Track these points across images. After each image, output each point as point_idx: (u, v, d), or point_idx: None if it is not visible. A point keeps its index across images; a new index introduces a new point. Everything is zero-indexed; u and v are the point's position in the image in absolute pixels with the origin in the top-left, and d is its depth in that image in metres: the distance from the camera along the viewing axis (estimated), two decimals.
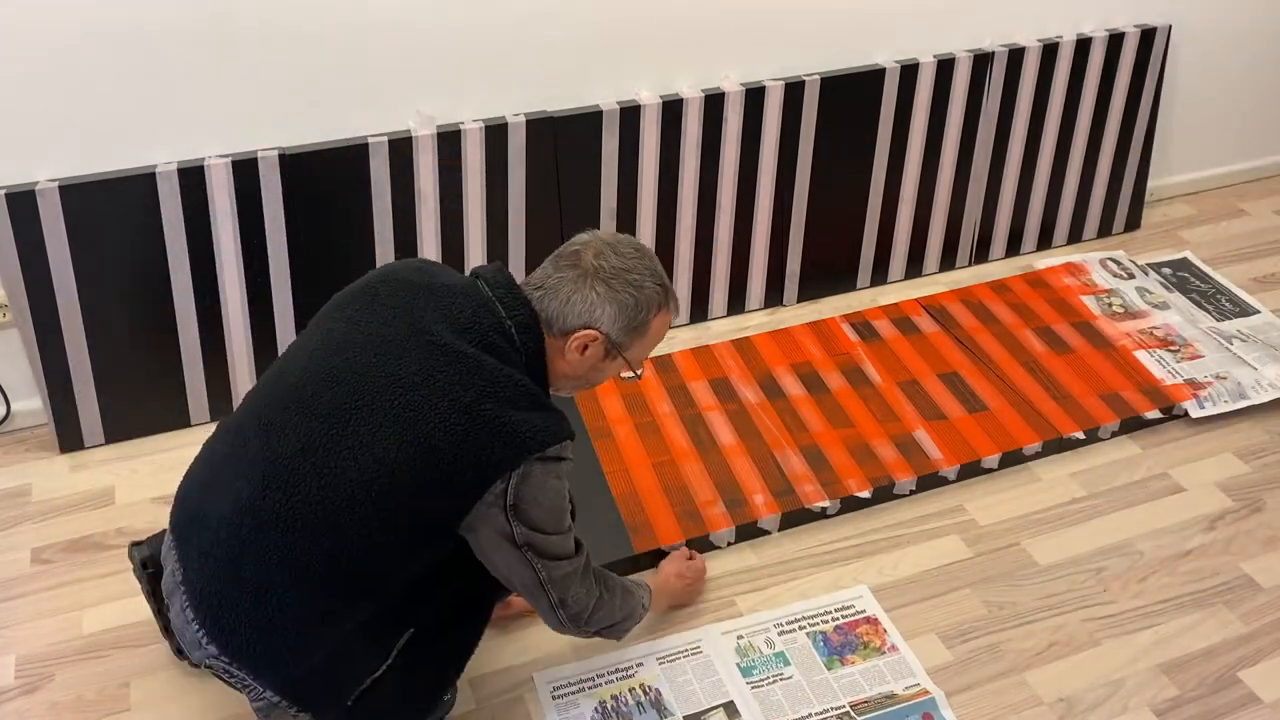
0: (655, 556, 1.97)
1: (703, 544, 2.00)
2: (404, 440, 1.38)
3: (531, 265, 2.40)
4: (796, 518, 2.06)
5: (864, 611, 1.88)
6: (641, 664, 1.79)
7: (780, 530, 2.06)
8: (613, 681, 1.76)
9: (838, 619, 1.87)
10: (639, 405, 2.28)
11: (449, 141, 2.23)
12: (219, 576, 1.42)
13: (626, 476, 2.10)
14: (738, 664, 1.79)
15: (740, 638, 1.83)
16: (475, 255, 2.35)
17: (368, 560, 1.42)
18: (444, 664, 1.59)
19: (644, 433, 2.21)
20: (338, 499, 1.38)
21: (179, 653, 1.75)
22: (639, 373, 1.60)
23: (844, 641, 1.83)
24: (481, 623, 1.63)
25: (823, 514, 2.09)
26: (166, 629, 1.73)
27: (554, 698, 1.73)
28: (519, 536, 1.44)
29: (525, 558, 1.47)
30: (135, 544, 1.72)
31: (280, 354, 1.57)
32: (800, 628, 1.85)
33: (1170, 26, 2.78)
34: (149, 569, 1.69)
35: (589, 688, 1.75)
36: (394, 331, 1.44)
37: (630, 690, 1.74)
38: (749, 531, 2.03)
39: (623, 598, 1.66)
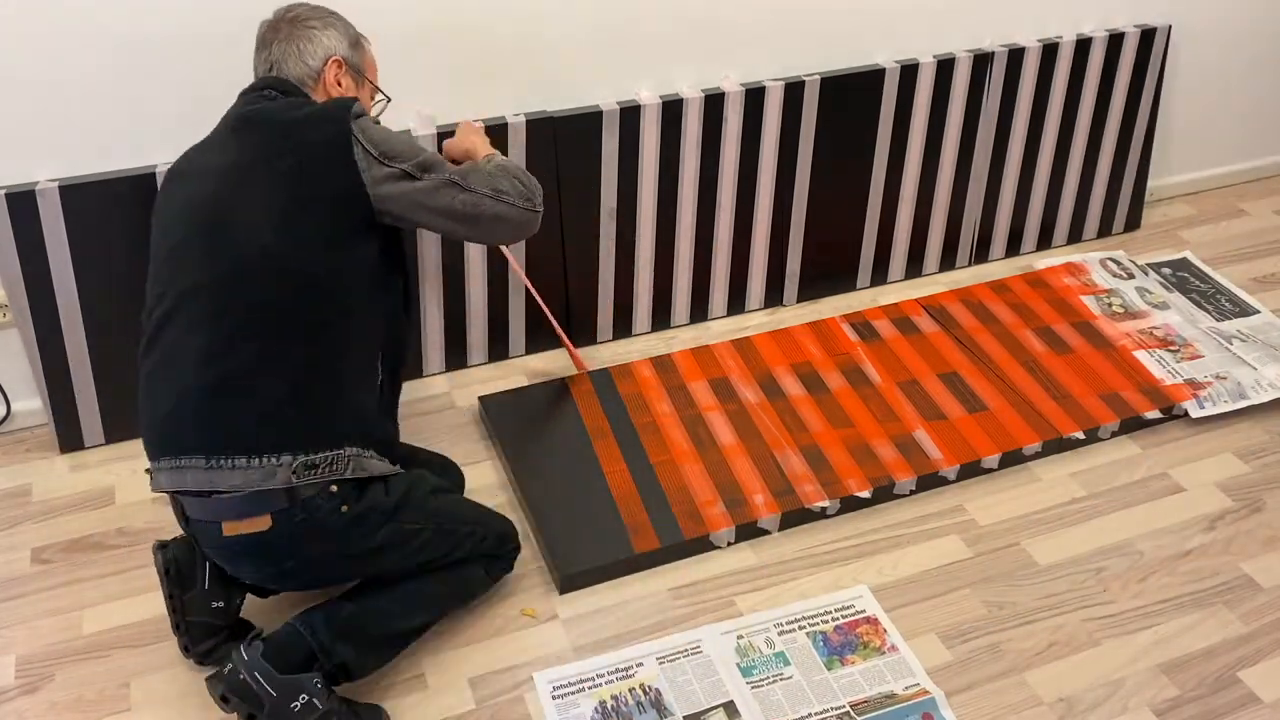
0: (654, 556, 1.97)
1: (703, 544, 2.00)
2: (278, 185, 1.59)
3: (532, 265, 2.42)
4: (796, 517, 2.06)
5: (864, 611, 1.87)
6: (642, 664, 1.79)
7: (780, 530, 2.06)
8: (613, 681, 1.76)
9: (838, 619, 1.87)
10: (640, 406, 2.28)
11: None
12: (235, 410, 1.54)
13: (625, 476, 2.10)
14: (738, 664, 1.78)
15: (740, 638, 1.83)
16: (475, 254, 2.35)
17: (327, 287, 1.60)
18: (398, 369, 1.82)
19: (645, 433, 2.21)
20: (267, 254, 1.57)
21: (186, 650, 1.75)
22: (388, 96, 1.87)
23: (844, 641, 1.82)
24: (410, 323, 1.99)
25: (822, 514, 2.09)
26: (178, 626, 1.73)
27: (554, 697, 1.73)
28: (411, 169, 1.64)
29: (434, 180, 1.65)
30: (161, 545, 1.74)
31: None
32: (800, 628, 1.85)
33: (1170, 26, 2.78)
34: (171, 571, 1.70)
35: (589, 687, 1.75)
36: (220, 161, 1.66)
37: (630, 690, 1.74)
38: (749, 531, 2.03)
39: (504, 163, 1.77)
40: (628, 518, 2.01)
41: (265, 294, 1.57)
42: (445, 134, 2.20)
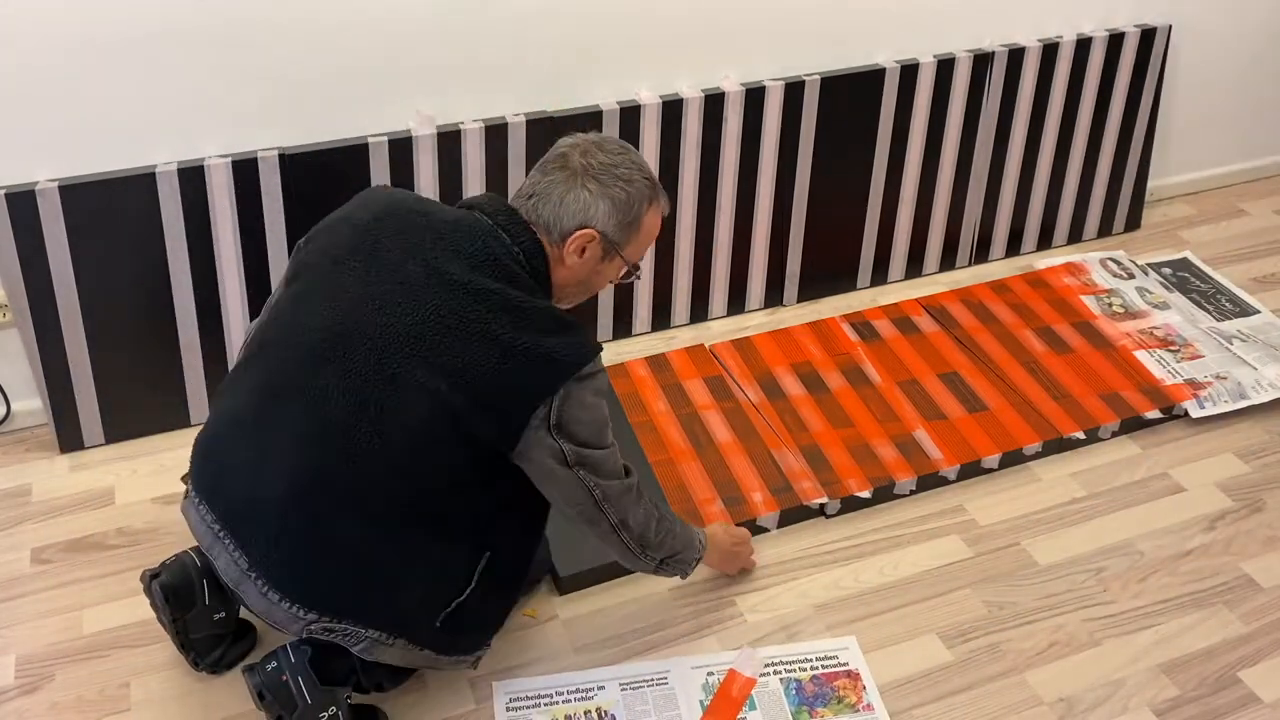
0: None
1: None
2: (451, 383, 1.42)
3: None
4: (795, 515, 2.06)
5: (847, 665, 1.79)
6: (604, 687, 1.74)
7: (779, 529, 2.06)
8: (570, 701, 1.72)
9: (817, 668, 1.79)
10: (636, 405, 2.28)
11: (449, 141, 2.23)
12: (301, 552, 1.45)
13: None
14: (701, 700, 1.73)
15: (710, 674, 1.77)
16: None
17: (437, 500, 1.49)
18: (516, 577, 1.68)
19: (641, 432, 2.21)
20: (399, 450, 1.43)
21: (195, 664, 1.75)
22: (639, 274, 1.65)
23: (818, 693, 1.75)
24: (540, 533, 1.69)
25: (821, 512, 2.09)
26: (184, 646, 1.72)
27: (508, 709, 1.71)
28: (569, 455, 1.48)
29: (579, 477, 1.50)
30: (153, 575, 1.68)
31: (271, 307, 1.60)
32: (775, 672, 1.78)
33: (1170, 26, 2.78)
34: (170, 599, 1.67)
35: (545, 704, 1.72)
36: (410, 277, 1.46)
37: (585, 712, 1.70)
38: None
39: (681, 527, 1.70)
40: None
41: (374, 467, 1.43)
42: (444, 133, 2.21)
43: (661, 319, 2.58)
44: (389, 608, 1.50)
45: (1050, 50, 2.65)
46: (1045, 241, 2.91)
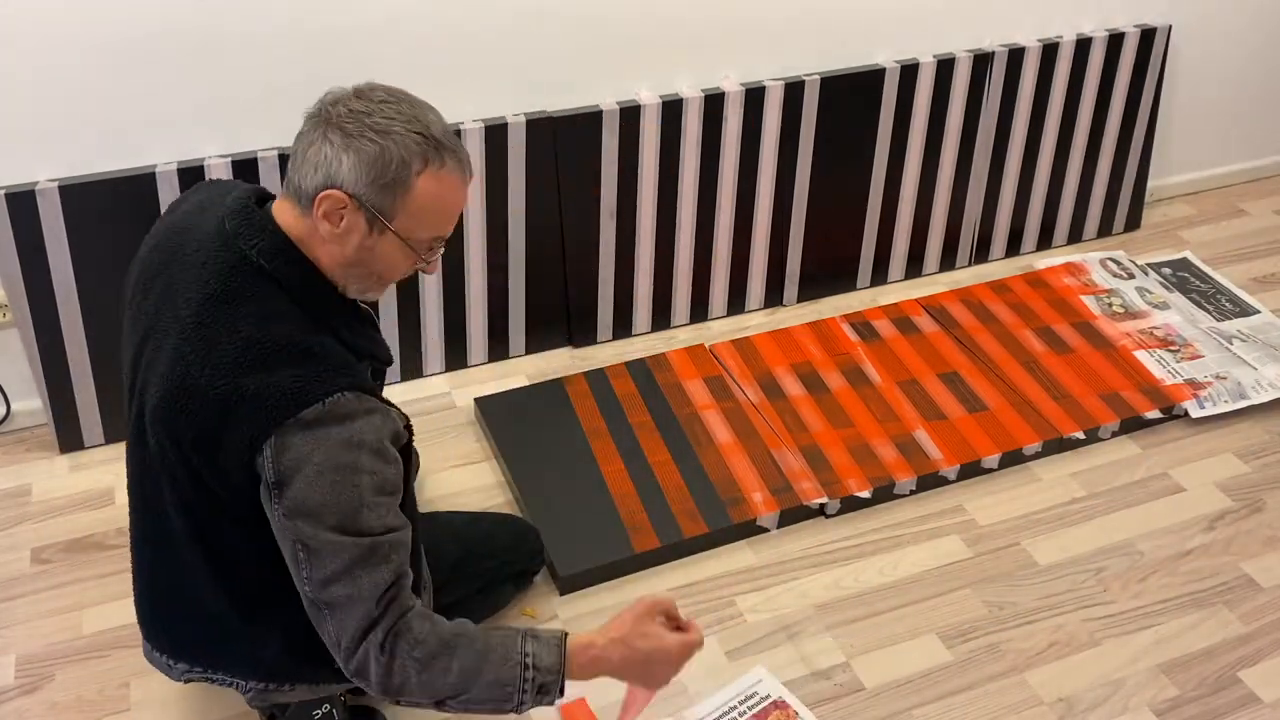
0: (655, 555, 1.97)
1: (702, 542, 2.00)
2: (186, 455, 1.25)
3: (531, 268, 2.42)
4: (795, 515, 2.06)
5: (769, 696, 1.75)
6: None
7: (779, 529, 2.06)
8: None
9: (745, 712, 1.71)
10: (635, 406, 2.28)
11: None
12: (149, 601, 1.47)
13: (623, 476, 2.10)
14: None
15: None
16: (475, 254, 2.35)
17: (248, 564, 1.34)
18: None
19: (642, 431, 2.21)
20: (181, 521, 1.33)
21: None
22: (426, 258, 1.32)
23: None
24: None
25: (821, 512, 2.09)
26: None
27: None
28: (285, 528, 1.20)
29: (295, 554, 1.21)
30: None
31: None
32: None
33: (1170, 26, 2.78)
34: None
35: None
36: (160, 323, 1.29)
37: None
38: (748, 529, 2.03)
39: (472, 659, 1.25)
40: (626, 517, 2.01)
41: (175, 531, 1.36)
42: None
43: (661, 319, 2.58)
44: (254, 663, 1.40)
45: (1050, 50, 2.65)
46: (1045, 241, 2.91)
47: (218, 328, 1.23)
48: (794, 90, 2.45)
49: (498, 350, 2.47)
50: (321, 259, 1.30)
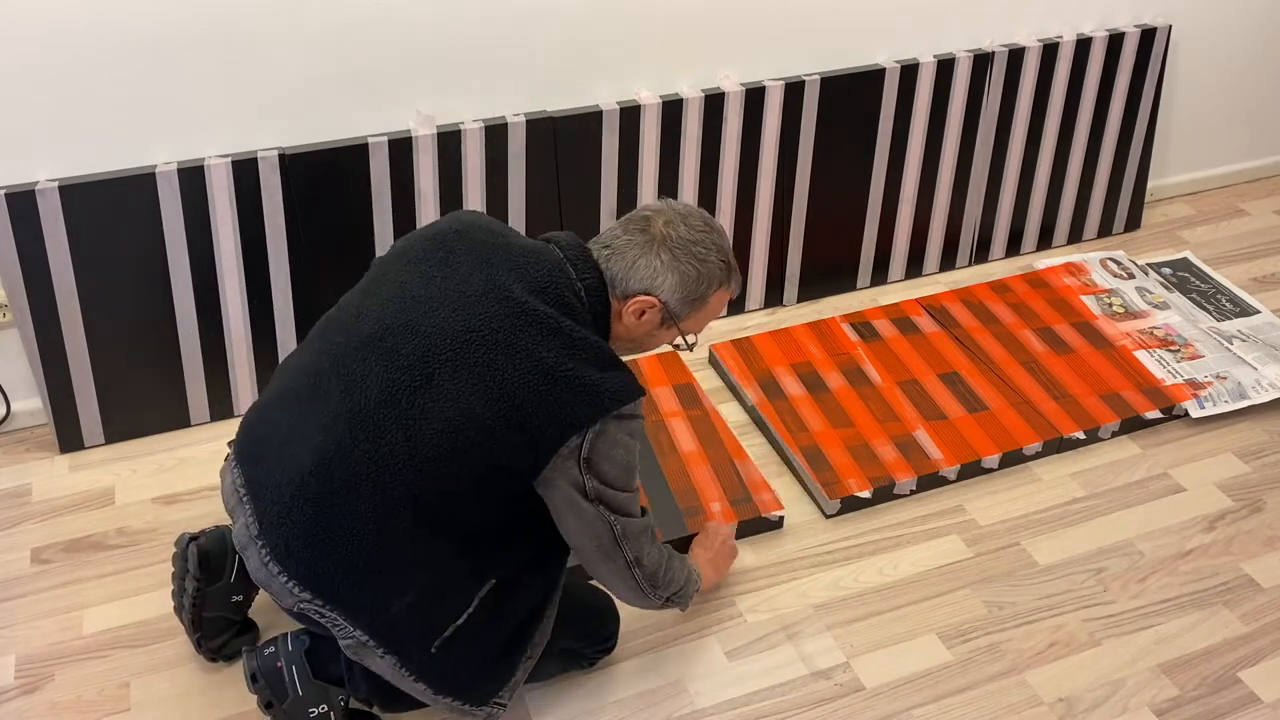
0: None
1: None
2: (488, 396, 1.42)
3: None
4: (753, 526, 2.03)
5: None
6: None
7: (780, 528, 2.06)
8: None
9: None
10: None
11: (449, 141, 2.23)
12: (307, 528, 1.44)
13: None
14: None
15: None
16: None
17: (451, 507, 1.46)
18: (524, 624, 1.59)
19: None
20: (423, 450, 1.42)
21: (199, 645, 1.76)
22: (691, 345, 1.64)
23: None
24: (556, 578, 1.63)
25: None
26: (194, 622, 1.73)
27: None
28: (590, 490, 1.48)
29: (599, 513, 1.50)
30: (191, 538, 1.72)
31: (341, 300, 1.59)
32: None
33: (1170, 26, 2.78)
34: (204, 564, 1.70)
35: None
36: (472, 288, 1.47)
37: None
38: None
39: (680, 561, 1.70)
40: None
41: (396, 466, 1.42)
42: (444, 133, 2.21)
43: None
44: (381, 609, 1.47)
45: (1050, 50, 2.65)
46: (1045, 241, 2.91)
47: (556, 321, 1.46)
48: (794, 90, 2.45)
49: None
50: (613, 324, 1.59)
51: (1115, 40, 2.71)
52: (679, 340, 1.63)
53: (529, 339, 1.44)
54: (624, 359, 1.59)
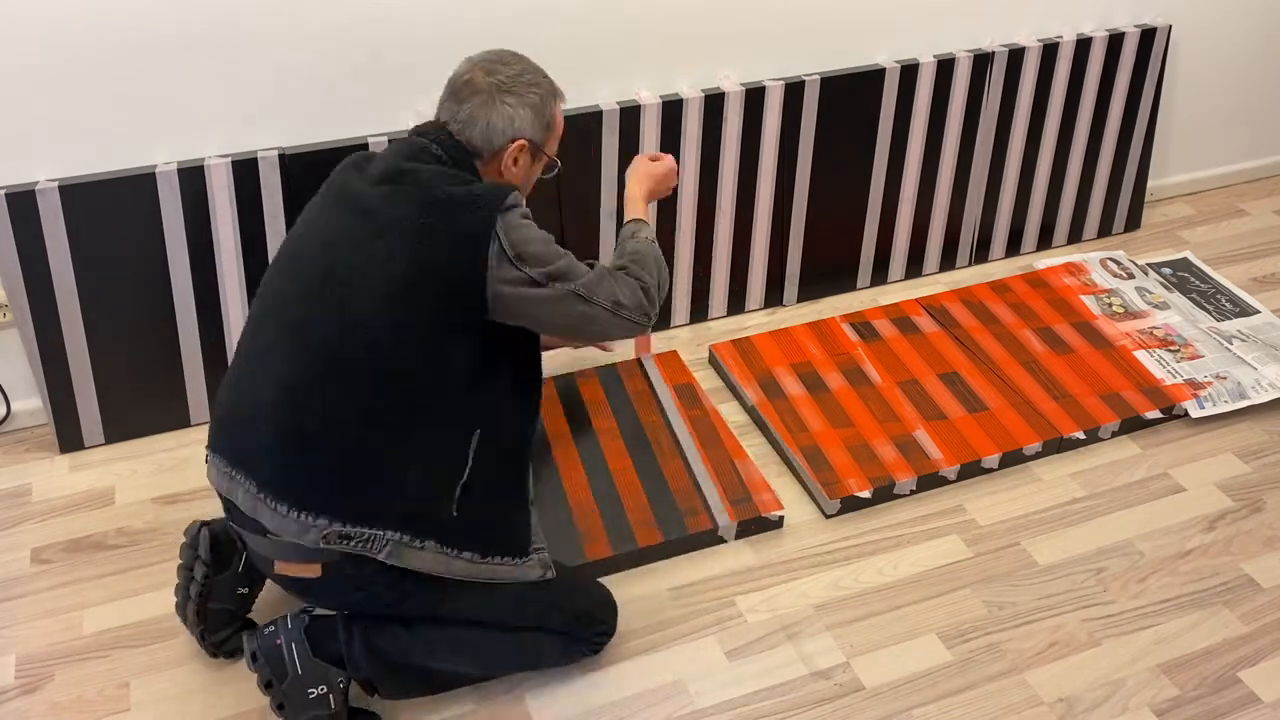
0: (609, 564, 1.96)
1: (707, 538, 2.00)
2: (402, 253, 1.51)
3: None
4: (753, 526, 2.03)
5: None
6: None
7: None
8: None
9: None
10: (602, 411, 2.28)
11: None
12: (298, 457, 1.51)
13: (615, 478, 2.10)
14: None
15: None
16: None
17: (418, 381, 1.53)
18: (517, 455, 1.71)
19: (606, 438, 2.21)
20: (365, 320, 1.50)
21: (202, 637, 1.76)
22: (559, 166, 1.75)
23: None
24: (529, 405, 1.74)
25: (822, 513, 2.09)
26: (199, 613, 1.74)
27: None
28: (538, 276, 1.56)
29: (558, 291, 1.58)
30: (203, 523, 1.74)
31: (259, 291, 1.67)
32: None
33: (1170, 26, 2.78)
34: (214, 550, 1.73)
35: None
36: (363, 200, 1.57)
37: None
38: (706, 539, 2.02)
39: (643, 252, 1.75)
40: (582, 524, 2.00)
41: (350, 357, 1.50)
42: None
43: (661, 319, 2.58)
44: (395, 500, 1.52)
45: (1050, 50, 2.65)
46: (1045, 241, 2.91)
47: (416, 173, 1.57)
48: (794, 90, 2.45)
49: None
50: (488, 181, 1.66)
51: (1115, 40, 2.71)
52: (547, 166, 1.74)
53: (408, 194, 1.54)
54: None
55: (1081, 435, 2.24)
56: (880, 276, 2.76)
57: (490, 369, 1.61)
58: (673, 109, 2.36)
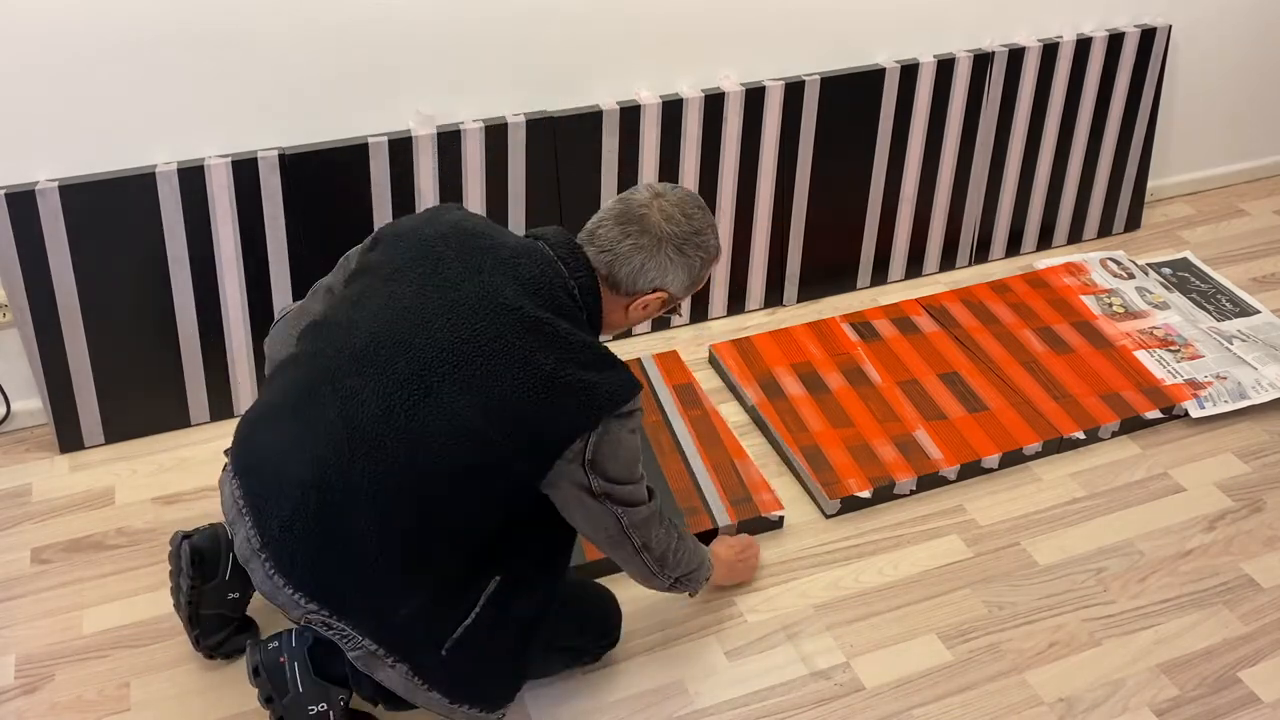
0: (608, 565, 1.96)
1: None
2: (487, 406, 1.42)
3: None
4: (753, 526, 2.03)
5: None
6: None
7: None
8: None
9: None
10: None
11: (449, 141, 2.23)
12: (310, 541, 1.44)
13: None
14: None
15: None
16: None
17: (454, 518, 1.46)
18: (530, 615, 1.58)
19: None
20: (424, 464, 1.42)
21: (197, 642, 1.76)
22: (680, 311, 1.70)
23: None
24: (561, 571, 1.64)
25: (822, 513, 2.09)
26: (192, 619, 1.74)
27: None
28: (597, 489, 1.49)
29: (605, 507, 1.51)
30: (185, 535, 1.72)
31: (327, 302, 1.61)
32: None
33: (1170, 26, 2.78)
34: (197, 561, 1.70)
35: None
36: (464, 295, 1.46)
37: None
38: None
39: (693, 544, 1.72)
40: None
41: (399, 476, 1.42)
42: (444, 133, 2.21)
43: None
44: (389, 615, 1.46)
45: (1050, 50, 2.65)
46: (1045, 241, 2.91)
47: (552, 325, 1.46)
48: (794, 90, 2.45)
49: None
50: (610, 316, 1.61)
51: (1115, 40, 2.71)
52: (672, 314, 1.69)
53: (525, 346, 1.43)
54: (612, 341, 1.61)
55: (1081, 435, 2.24)
56: (880, 276, 2.76)
57: (528, 526, 1.55)
58: (673, 109, 2.36)
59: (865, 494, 2.09)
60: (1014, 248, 2.88)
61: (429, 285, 1.48)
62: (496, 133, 2.25)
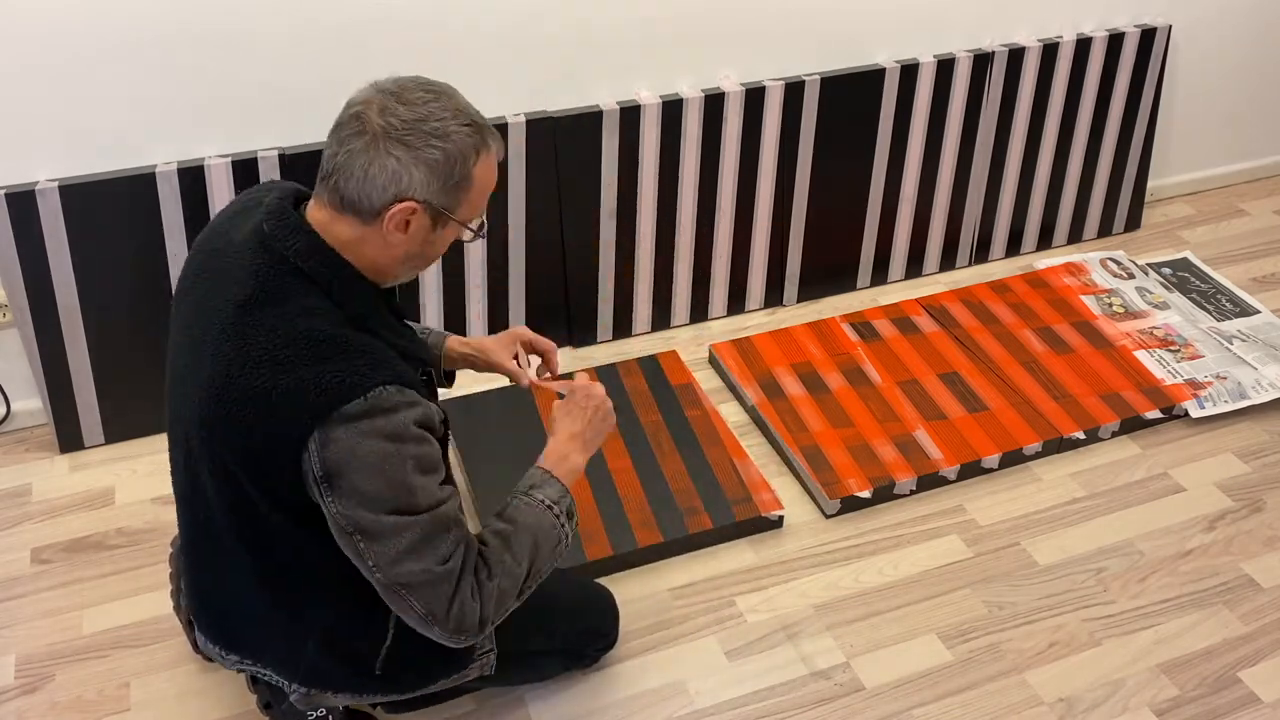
0: (611, 563, 1.96)
1: (656, 552, 1.99)
2: (235, 459, 1.27)
3: (531, 267, 2.42)
4: (752, 526, 2.04)
5: None
6: None
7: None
8: None
9: None
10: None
11: None
12: (202, 595, 1.51)
13: (614, 478, 2.10)
14: None
15: None
16: (475, 256, 2.35)
17: (294, 558, 1.36)
18: None
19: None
20: (226, 525, 1.36)
21: (196, 645, 1.75)
22: (478, 230, 1.36)
23: None
24: None
25: (822, 513, 2.09)
26: (190, 622, 1.73)
27: None
28: (341, 518, 1.24)
29: (355, 544, 1.25)
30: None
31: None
32: None
33: (1170, 26, 2.78)
34: None
35: None
36: (201, 336, 1.31)
37: None
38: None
39: (525, 543, 1.39)
40: (581, 525, 1.99)
41: (217, 519, 1.36)
42: None
43: (661, 319, 2.58)
44: (297, 655, 1.41)
45: (1050, 50, 2.65)
46: (1045, 241, 2.91)
47: (257, 326, 1.25)
48: (794, 90, 2.45)
49: None
50: (378, 254, 1.32)
51: (1115, 40, 2.71)
52: (465, 233, 1.34)
53: (228, 363, 1.25)
54: (413, 276, 1.42)
55: (1081, 435, 2.24)
56: (880, 276, 2.76)
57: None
58: (673, 109, 2.36)
59: (865, 494, 2.09)
60: (1014, 248, 2.88)
61: (182, 335, 1.36)
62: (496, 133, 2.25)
